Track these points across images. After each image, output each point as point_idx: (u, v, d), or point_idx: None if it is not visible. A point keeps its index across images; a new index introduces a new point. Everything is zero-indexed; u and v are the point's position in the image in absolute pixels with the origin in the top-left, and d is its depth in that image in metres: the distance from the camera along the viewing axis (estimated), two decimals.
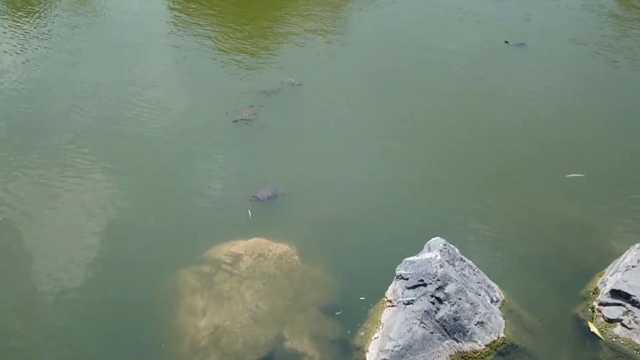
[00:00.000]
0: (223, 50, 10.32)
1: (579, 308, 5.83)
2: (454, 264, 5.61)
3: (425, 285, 5.39)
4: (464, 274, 5.58)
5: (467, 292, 5.41)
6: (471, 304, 5.37)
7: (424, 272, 5.45)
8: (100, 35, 10.71)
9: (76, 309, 6.00)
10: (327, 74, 9.67)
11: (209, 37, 10.62)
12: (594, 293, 5.85)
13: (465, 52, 10.15)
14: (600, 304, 5.61)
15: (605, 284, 5.75)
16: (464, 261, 5.72)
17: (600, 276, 5.98)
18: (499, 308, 5.66)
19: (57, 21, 11.02)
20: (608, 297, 5.56)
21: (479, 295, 5.53)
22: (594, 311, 5.65)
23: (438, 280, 5.36)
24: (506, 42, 10.18)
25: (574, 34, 10.81)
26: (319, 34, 10.54)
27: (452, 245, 5.76)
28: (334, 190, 7.41)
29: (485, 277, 5.80)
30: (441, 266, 5.43)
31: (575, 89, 9.43)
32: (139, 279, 6.36)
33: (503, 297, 5.79)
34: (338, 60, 10.03)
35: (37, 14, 10.59)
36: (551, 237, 6.77)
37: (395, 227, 6.93)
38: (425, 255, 5.65)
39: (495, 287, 5.82)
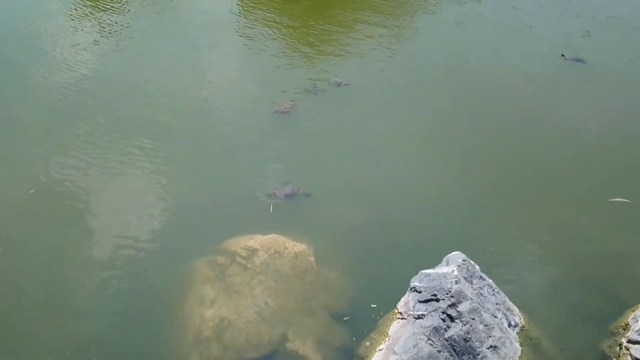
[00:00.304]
0: (283, 43, 10.18)
1: (606, 343, 5.42)
2: (471, 281, 5.31)
3: (437, 300, 5.13)
4: (481, 293, 5.28)
5: (482, 312, 5.11)
6: (485, 325, 5.06)
7: (438, 287, 5.18)
8: (168, 25, 10.74)
9: (98, 281, 6.05)
10: (377, 80, 9.28)
11: (273, 29, 10.49)
12: (624, 329, 5.42)
13: (520, 67, 9.65)
14: (629, 341, 5.19)
15: (638, 320, 5.32)
16: (484, 280, 5.42)
17: (633, 311, 5.55)
18: (517, 333, 5.32)
19: (133, 16, 11.11)
20: (638, 334, 5.13)
21: (496, 317, 5.21)
22: (621, 348, 5.24)
23: (452, 296, 5.09)
24: (563, 55, 9.66)
25: (637, 53, 10.15)
26: (381, 41, 10.20)
27: (472, 262, 5.46)
28: (359, 194, 7.20)
29: (506, 298, 5.47)
30: (457, 282, 5.16)
31: (634, 110, 8.85)
32: (160, 261, 6.37)
33: (523, 322, 5.45)
34: (392, 68, 9.58)
35: (114, 10, 10.72)
36: (585, 264, 6.36)
37: (419, 236, 6.67)
38: (442, 269, 5.38)
39: (516, 310, 5.49)
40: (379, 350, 5.16)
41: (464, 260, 5.40)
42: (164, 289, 6.05)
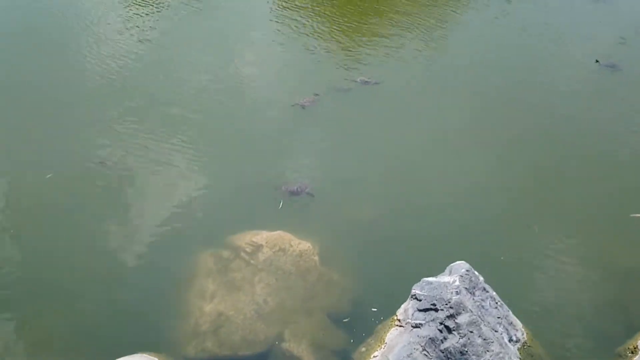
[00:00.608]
0: (318, 39, 10.04)
1: None
2: (473, 293, 5.17)
3: (436, 310, 5.01)
4: (482, 306, 5.13)
5: (482, 326, 4.97)
6: (484, 339, 4.92)
7: (438, 296, 5.06)
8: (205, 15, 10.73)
9: (104, 269, 6.13)
10: (406, 80, 9.03)
11: (307, 25, 10.36)
12: (632, 352, 5.21)
13: (554, 73, 9.33)
14: None
15: None
16: (487, 291, 5.26)
17: None
18: (518, 349, 5.17)
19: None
20: None
21: (496, 331, 5.06)
22: None
23: (451, 307, 4.96)
24: (597, 61, 9.31)
25: None
26: (415, 42, 9.93)
27: (476, 272, 5.31)
28: (371, 195, 7.10)
29: (509, 312, 5.31)
30: (457, 293, 5.02)
31: None
32: (168, 252, 6.41)
33: (525, 338, 5.28)
34: (421, 69, 9.32)
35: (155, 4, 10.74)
36: (598, 281, 6.14)
37: (428, 241, 6.53)
38: (444, 278, 5.25)
39: (519, 325, 5.32)
40: (374, 357, 5.08)
41: (467, 270, 5.25)
42: (169, 279, 6.08)
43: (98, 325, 5.64)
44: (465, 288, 5.14)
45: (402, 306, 5.37)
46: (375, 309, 5.79)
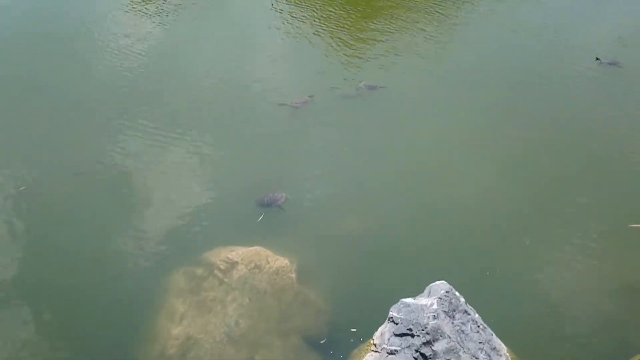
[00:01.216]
0: (321, 39, 9.72)
1: None
2: (453, 316, 4.83)
3: (412, 336, 4.69)
4: (462, 330, 4.79)
5: (461, 353, 4.63)
6: None
7: (414, 320, 4.74)
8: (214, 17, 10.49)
9: (71, 284, 5.90)
10: (402, 86, 8.61)
11: (309, 23, 10.04)
12: None
13: (553, 73, 8.91)
14: None
15: None
16: (468, 314, 4.92)
17: None
18: None
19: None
20: None
21: (477, 358, 4.72)
22: None
23: (427, 333, 4.63)
24: (597, 59, 8.88)
25: None
26: (420, 47, 9.53)
27: (457, 293, 4.97)
28: (355, 208, 6.75)
29: (492, 336, 4.96)
30: (435, 317, 4.69)
31: None
32: (141, 269, 6.14)
33: None
34: (421, 74, 8.95)
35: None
36: (593, 299, 5.76)
37: (413, 258, 6.19)
38: (422, 300, 4.92)
39: (503, 349, 4.97)
40: None
41: (447, 291, 4.91)
42: (137, 299, 5.81)
43: (55, 349, 5.38)
44: (444, 311, 4.80)
45: (380, 329, 5.05)
46: (354, 330, 5.48)
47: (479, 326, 4.94)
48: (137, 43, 9.29)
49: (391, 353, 4.71)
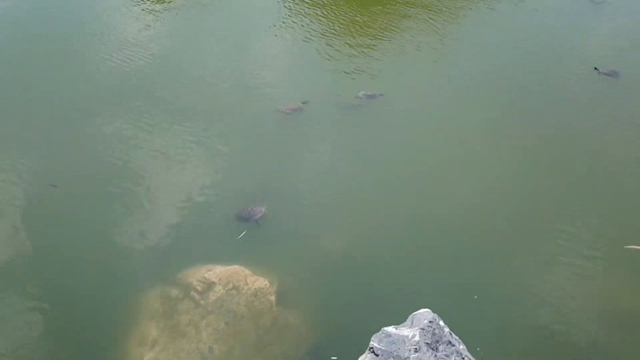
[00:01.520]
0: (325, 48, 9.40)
1: None
2: (436, 348, 4.57)
3: None
4: None
5: None
6: None
7: (395, 353, 4.48)
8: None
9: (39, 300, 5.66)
10: (400, 94, 8.30)
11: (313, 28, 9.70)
12: None
13: (549, 81, 8.61)
14: None
15: None
16: (453, 345, 4.66)
17: None
18: None
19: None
20: None
21: None
22: None
23: None
24: (596, 68, 8.60)
25: None
26: (420, 53, 9.22)
27: (441, 323, 4.70)
28: (340, 225, 6.46)
29: None
30: (416, 350, 4.43)
31: None
32: (115, 288, 5.88)
33: None
34: (418, 82, 8.61)
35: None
36: (585, 325, 5.50)
37: (401, 279, 5.91)
38: (404, 330, 4.66)
39: None
40: None
41: (430, 321, 4.65)
42: (108, 322, 5.55)
43: None
44: (427, 343, 4.54)
45: (360, 358, 4.80)
46: (335, 358, 5.24)
47: (463, 358, 4.68)
48: (137, 43, 9.02)
49: None
